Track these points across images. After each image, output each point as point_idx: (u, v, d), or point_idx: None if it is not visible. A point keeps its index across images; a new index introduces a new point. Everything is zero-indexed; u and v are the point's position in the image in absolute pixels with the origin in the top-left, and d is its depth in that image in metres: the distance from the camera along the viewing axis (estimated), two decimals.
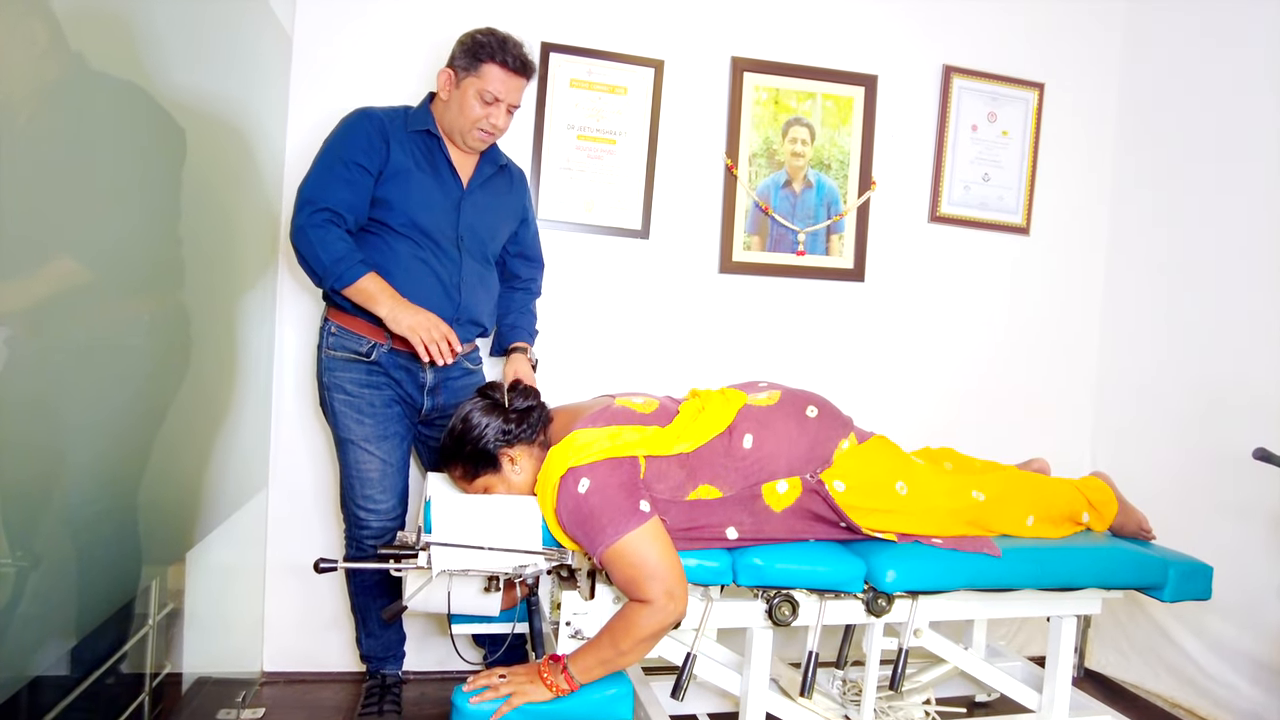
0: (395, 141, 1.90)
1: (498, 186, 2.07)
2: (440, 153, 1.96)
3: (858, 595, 1.72)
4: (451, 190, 1.97)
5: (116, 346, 1.29)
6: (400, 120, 1.94)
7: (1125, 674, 2.58)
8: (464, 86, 1.90)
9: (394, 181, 1.89)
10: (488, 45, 1.89)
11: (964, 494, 1.79)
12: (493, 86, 1.89)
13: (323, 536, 2.29)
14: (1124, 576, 1.86)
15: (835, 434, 1.74)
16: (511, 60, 1.89)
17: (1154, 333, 2.65)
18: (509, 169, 2.12)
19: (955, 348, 2.73)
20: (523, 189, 2.17)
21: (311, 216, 1.81)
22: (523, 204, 2.16)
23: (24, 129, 1.01)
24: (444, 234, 1.94)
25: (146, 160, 1.37)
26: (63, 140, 1.11)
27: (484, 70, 1.89)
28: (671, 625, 1.53)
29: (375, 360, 1.92)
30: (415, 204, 1.90)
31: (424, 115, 1.97)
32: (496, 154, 2.07)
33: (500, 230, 2.09)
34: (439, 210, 1.93)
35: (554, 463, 1.58)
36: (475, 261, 2.00)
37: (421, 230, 1.91)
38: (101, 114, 1.20)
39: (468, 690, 1.51)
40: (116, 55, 1.24)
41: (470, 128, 1.92)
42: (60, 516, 1.18)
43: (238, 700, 2.13)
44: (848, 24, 2.59)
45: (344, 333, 1.93)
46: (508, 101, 1.92)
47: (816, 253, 2.58)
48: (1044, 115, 2.76)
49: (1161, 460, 2.53)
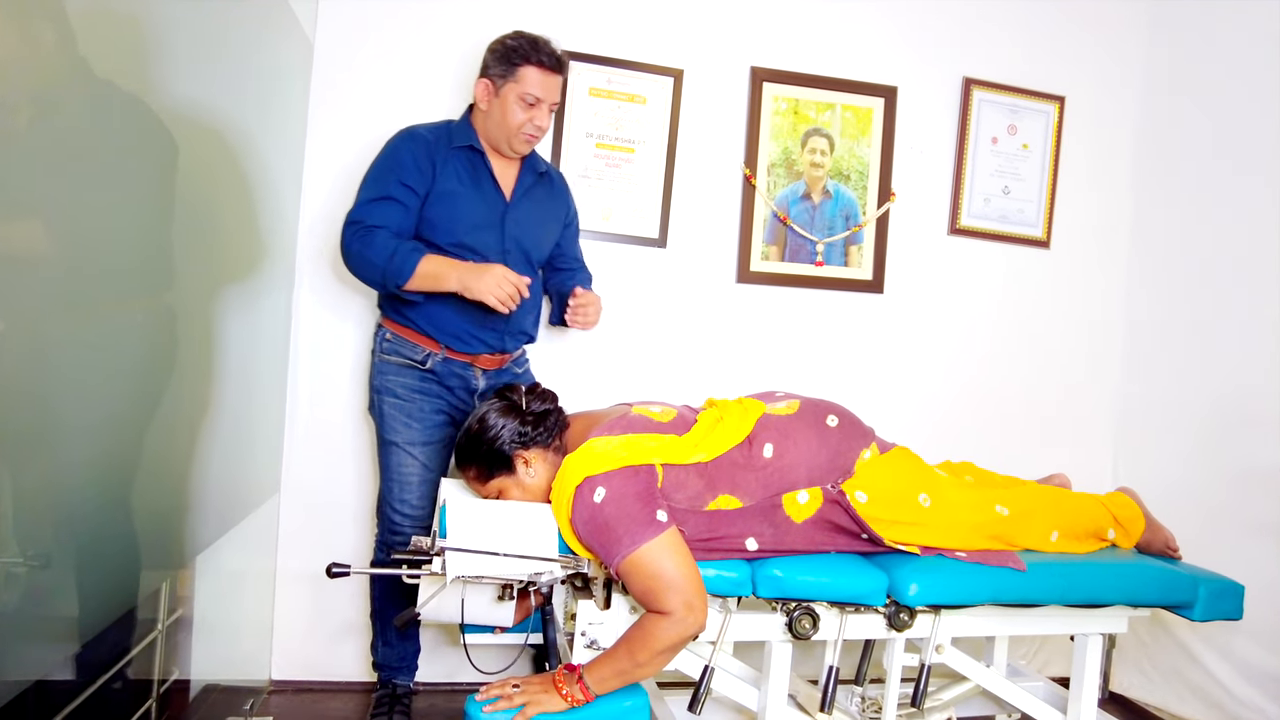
0: (440, 161, 1.93)
1: (540, 195, 2.09)
2: (483, 167, 1.98)
3: (879, 609, 1.68)
4: (495, 205, 1.99)
5: (114, 346, 1.27)
6: (444, 138, 1.96)
7: (1149, 696, 2.51)
8: (504, 94, 1.92)
9: (440, 202, 1.92)
10: (520, 48, 1.90)
11: (988, 508, 1.76)
12: (532, 88, 1.90)
13: (335, 543, 2.26)
14: (1152, 594, 1.81)
15: (857, 444, 1.71)
16: (546, 59, 1.91)
17: (1177, 346, 2.60)
18: (549, 175, 2.14)
19: (975, 361, 2.69)
20: (564, 193, 2.19)
21: (355, 233, 1.86)
22: (565, 208, 2.18)
23: (23, 131, 0.99)
24: (490, 249, 1.96)
25: (143, 164, 1.36)
26: (59, 145, 1.08)
27: (521, 74, 1.90)
28: (690, 638, 1.50)
29: (430, 368, 1.96)
30: (461, 223, 1.93)
31: (466, 130, 1.98)
32: (536, 161, 2.08)
33: (545, 238, 2.11)
34: (484, 227, 1.96)
35: (570, 471, 1.56)
36: (523, 273, 1.99)
37: (468, 248, 1.93)
38: (97, 120, 1.17)
39: (480, 700, 1.48)
40: (127, 59, 1.23)
41: (515, 133, 1.94)
42: (64, 517, 1.16)
43: (245, 708, 2.10)
44: (867, 35, 2.58)
45: (399, 339, 1.97)
46: (548, 100, 1.94)
47: (835, 264, 2.56)
48: (1065, 128, 2.73)
49: (1185, 476, 2.48)
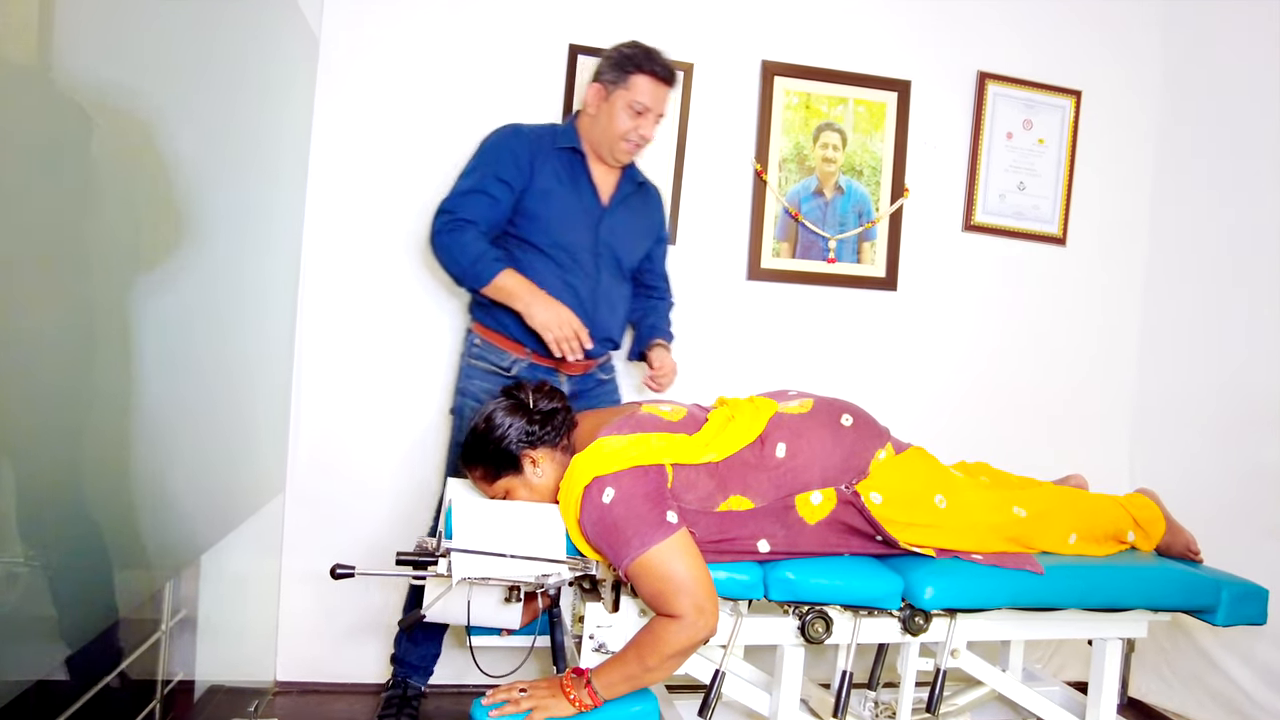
0: (541, 159, 1.96)
1: (636, 205, 2.10)
2: (583, 170, 2.01)
3: (894, 613, 1.64)
4: (592, 208, 2.01)
5: (114, 344, 1.25)
6: (548, 138, 2.00)
7: (1168, 702, 2.47)
8: (613, 100, 1.95)
9: (537, 199, 1.95)
10: (634, 57, 1.94)
11: (1005, 509, 1.72)
12: (642, 97, 1.93)
13: (340, 544, 2.23)
14: (1173, 598, 1.77)
15: (871, 444, 1.67)
16: (659, 69, 1.94)
17: (1195, 345, 2.56)
18: (647, 187, 2.15)
19: (990, 359, 2.65)
20: (659, 207, 2.20)
21: (445, 224, 1.89)
22: (659, 222, 2.19)
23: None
24: (582, 251, 1.98)
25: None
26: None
27: (632, 81, 1.93)
28: (701, 641, 1.47)
29: (514, 375, 1.98)
30: (556, 222, 1.96)
31: (570, 133, 2.02)
32: (635, 172, 2.10)
33: (637, 247, 2.12)
34: (579, 228, 1.98)
35: (578, 471, 1.53)
36: (611, 278, 2.04)
37: (561, 247, 1.96)
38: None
39: (487, 704, 1.45)
40: (116, 55, 1.21)
41: (619, 139, 1.97)
42: (65, 517, 1.14)
43: (250, 710, 2.08)
44: (881, 29, 2.55)
45: (487, 345, 2.01)
46: (656, 111, 1.96)
47: (847, 260, 2.52)
48: (1081, 123, 2.69)
49: (1204, 478, 2.43)
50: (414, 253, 2.29)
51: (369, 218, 2.27)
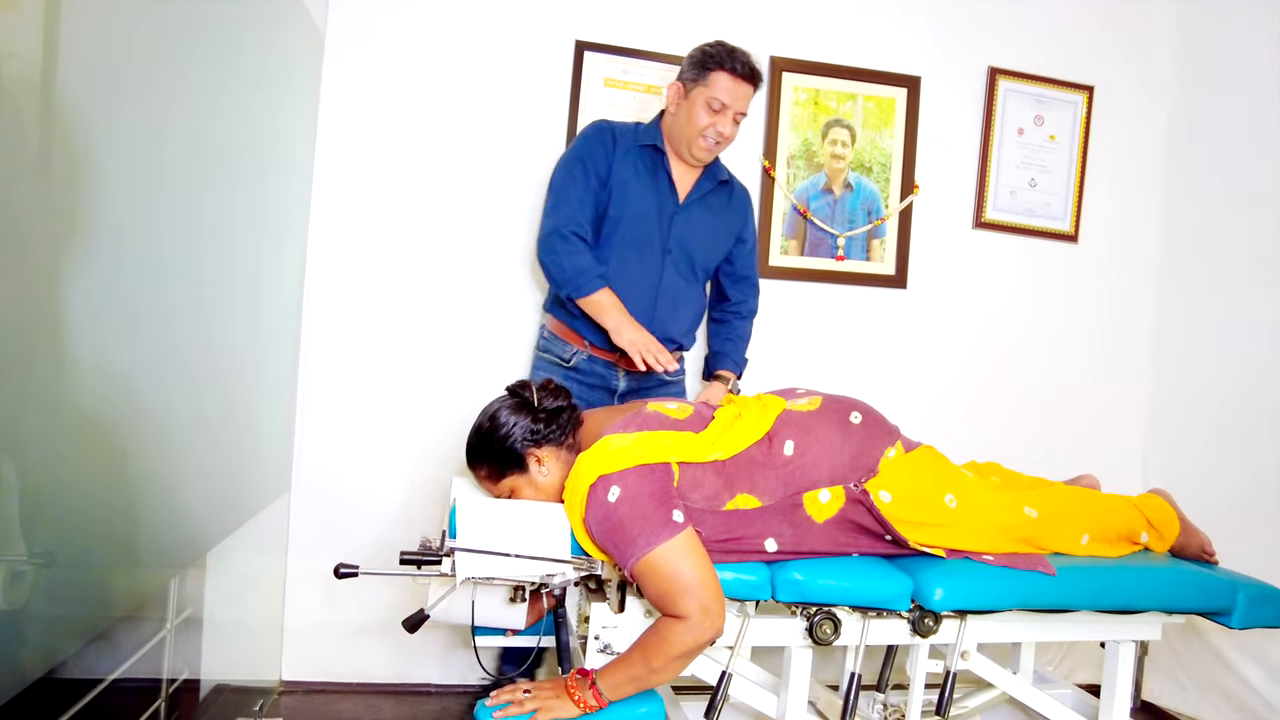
0: (621, 151, 2.00)
1: (716, 203, 2.09)
2: (662, 166, 2.02)
3: (903, 614, 1.62)
4: (667, 204, 2.02)
5: (119, 342, 1.25)
6: (630, 134, 2.04)
7: (1182, 705, 2.44)
8: (693, 97, 1.97)
9: (613, 190, 2.00)
10: (716, 55, 1.95)
11: (1016, 509, 1.70)
12: (720, 93, 1.93)
13: (345, 543, 2.23)
14: (1188, 600, 1.74)
15: (881, 442, 1.65)
16: (740, 67, 1.94)
17: (1209, 343, 2.53)
18: (731, 185, 2.13)
19: (1000, 358, 2.63)
20: (743, 206, 2.17)
21: (557, 228, 1.97)
22: (741, 222, 2.16)
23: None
24: (651, 246, 2.01)
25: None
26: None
27: (712, 78, 1.93)
28: (707, 643, 1.45)
29: (574, 365, 2.02)
30: (628, 214, 1.99)
31: (653, 130, 2.05)
32: (719, 170, 2.09)
33: (713, 247, 2.11)
34: (651, 222, 2.00)
35: (583, 470, 1.51)
36: (678, 277, 2.04)
37: (629, 240, 1.99)
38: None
39: (491, 705, 1.44)
40: (122, 48, 1.20)
41: (696, 136, 1.97)
42: (70, 514, 1.14)
43: (255, 709, 2.08)
44: (890, 24, 2.52)
45: (554, 338, 2.08)
46: (735, 109, 1.96)
47: (856, 258, 2.50)
48: (1093, 119, 2.66)
49: (1219, 478, 2.40)
50: (421, 248, 2.29)
51: (375, 214, 2.26)
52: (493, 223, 2.32)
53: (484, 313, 2.32)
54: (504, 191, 2.32)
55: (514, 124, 2.31)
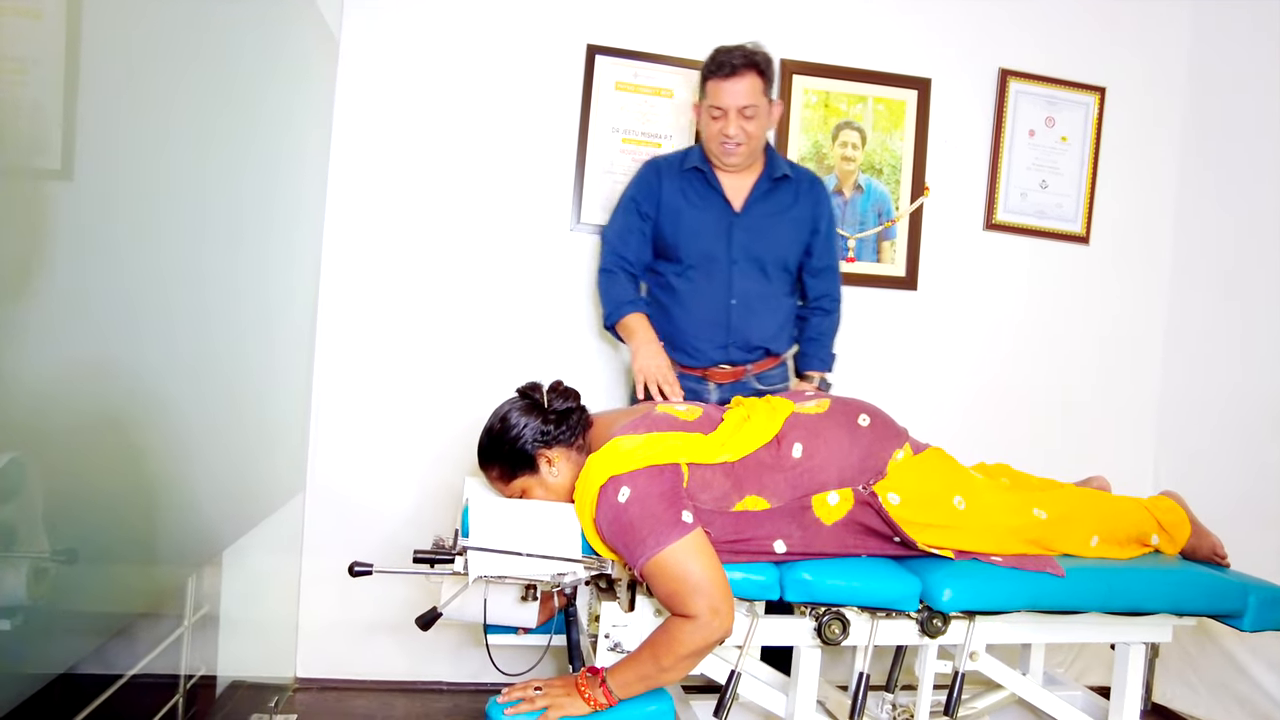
0: (668, 180, 2.09)
1: (780, 200, 2.10)
2: (710, 184, 2.06)
3: (912, 615, 1.63)
4: (723, 216, 2.06)
5: (132, 343, 1.27)
6: (677, 161, 2.11)
7: (1194, 708, 2.43)
8: (702, 111, 2.05)
9: (668, 219, 2.08)
10: (705, 66, 2.02)
11: (1025, 511, 1.70)
12: (715, 100, 1.99)
13: (360, 542, 2.25)
14: (1199, 602, 1.74)
15: (889, 444, 1.66)
16: (721, 68, 1.98)
17: (1221, 345, 2.52)
18: (793, 180, 2.13)
19: (1011, 359, 2.62)
20: (811, 196, 2.15)
21: (603, 264, 2.13)
22: (812, 212, 2.15)
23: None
24: (716, 261, 2.05)
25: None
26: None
27: (708, 89, 2.01)
28: (716, 642, 1.46)
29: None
30: (685, 237, 2.06)
31: (695, 153, 2.11)
32: (775, 167, 2.10)
33: (784, 242, 2.11)
34: (709, 237, 2.05)
35: (594, 470, 1.52)
36: (752, 283, 2.07)
37: (692, 262, 2.05)
38: None
39: (502, 702, 1.46)
40: (138, 53, 1.23)
41: (714, 146, 2.03)
42: (90, 512, 1.16)
43: (270, 705, 2.10)
44: (900, 26, 2.53)
45: None
46: (734, 107, 1.97)
47: (867, 260, 2.50)
48: (1105, 120, 2.65)
49: (1230, 480, 2.39)
50: (434, 251, 2.31)
51: (389, 216, 2.29)
52: (505, 226, 2.34)
53: (499, 316, 2.34)
54: (516, 195, 2.34)
55: (527, 128, 2.33)
